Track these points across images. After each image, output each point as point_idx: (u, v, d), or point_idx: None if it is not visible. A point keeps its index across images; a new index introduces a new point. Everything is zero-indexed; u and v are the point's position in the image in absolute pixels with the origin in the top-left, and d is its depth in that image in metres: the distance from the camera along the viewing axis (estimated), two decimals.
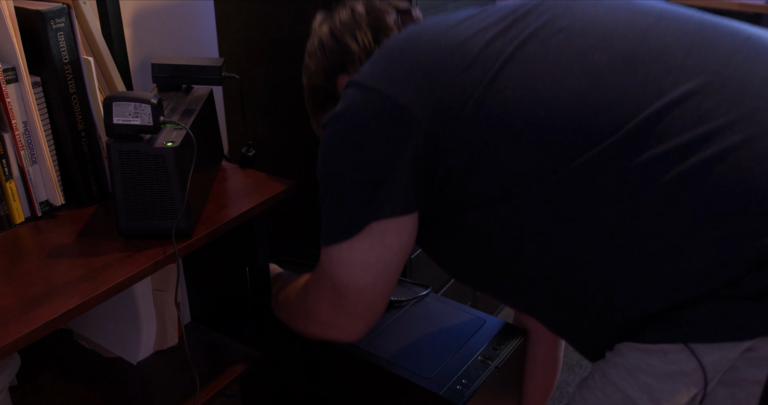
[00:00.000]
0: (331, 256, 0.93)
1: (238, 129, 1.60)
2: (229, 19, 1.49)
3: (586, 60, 0.76)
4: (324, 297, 0.97)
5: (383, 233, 0.88)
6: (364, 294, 0.92)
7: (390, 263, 0.91)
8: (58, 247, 0.96)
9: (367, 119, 0.85)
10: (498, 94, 0.79)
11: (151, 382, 1.18)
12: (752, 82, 0.70)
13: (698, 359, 0.68)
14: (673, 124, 0.69)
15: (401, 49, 0.87)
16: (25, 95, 0.98)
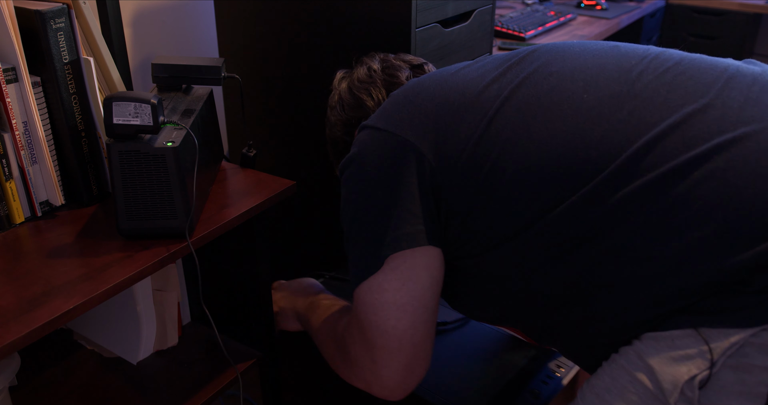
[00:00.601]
0: (363, 301, 0.91)
1: (238, 129, 1.60)
2: (229, 19, 1.49)
3: (575, 101, 0.81)
4: (365, 350, 0.93)
5: (409, 268, 0.88)
6: (404, 339, 0.88)
7: (424, 299, 0.89)
8: (58, 247, 0.96)
9: (379, 156, 0.89)
10: (495, 137, 0.84)
11: (151, 382, 1.18)
12: (731, 107, 0.75)
13: (706, 342, 0.71)
14: (660, 155, 0.74)
15: (405, 95, 0.94)
16: (25, 95, 0.98)
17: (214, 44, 1.66)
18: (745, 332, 0.69)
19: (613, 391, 0.79)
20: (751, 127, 0.73)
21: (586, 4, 2.68)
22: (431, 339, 0.92)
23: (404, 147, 0.88)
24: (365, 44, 1.31)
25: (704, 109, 0.76)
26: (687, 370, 0.72)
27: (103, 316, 1.21)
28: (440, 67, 1.03)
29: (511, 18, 2.37)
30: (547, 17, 2.42)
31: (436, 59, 1.35)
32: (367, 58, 1.13)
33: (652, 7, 2.87)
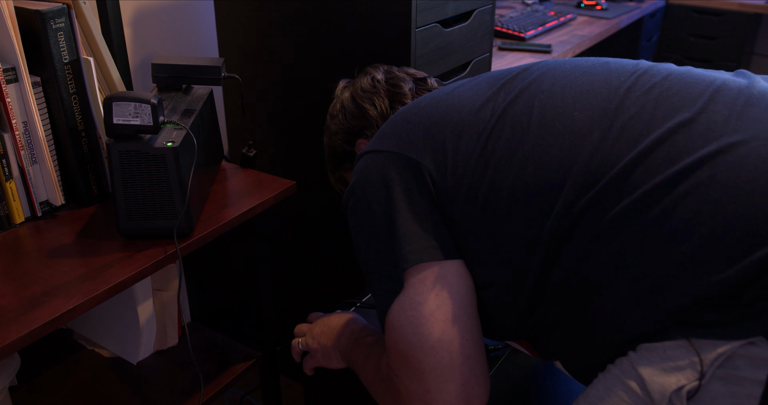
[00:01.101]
0: (398, 325, 0.86)
1: (238, 129, 1.60)
2: (229, 19, 1.49)
3: (566, 119, 0.82)
4: (414, 381, 0.86)
5: (438, 277, 0.85)
6: (454, 351, 0.83)
7: (465, 306, 0.85)
8: (58, 247, 0.96)
9: (382, 176, 0.88)
10: (491, 155, 0.84)
11: (151, 382, 1.18)
12: (716, 121, 0.76)
13: (697, 352, 0.72)
14: (647, 170, 0.75)
15: (402, 116, 0.93)
16: (25, 95, 0.98)
17: (214, 44, 1.67)
18: (732, 344, 0.70)
19: (606, 399, 0.79)
20: (735, 139, 0.74)
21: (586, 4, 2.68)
22: (484, 353, 0.88)
23: (406, 163, 0.87)
24: (365, 44, 1.31)
25: (689, 123, 0.77)
26: (676, 381, 0.73)
27: (103, 316, 1.21)
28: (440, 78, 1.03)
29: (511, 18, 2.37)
30: (547, 17, 2.42)
31: (436, 59, 1.35)
32: (371, 68, 1.13)
33: (652, 7, 2.87)
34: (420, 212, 0.86)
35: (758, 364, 0.69)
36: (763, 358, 0.69)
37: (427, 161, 0.87)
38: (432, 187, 0.87)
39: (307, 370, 1.13)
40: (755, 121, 0.75)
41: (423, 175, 0.86)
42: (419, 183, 0.86)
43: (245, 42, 1.48)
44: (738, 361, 0.70)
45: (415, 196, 0.86)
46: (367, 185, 0.89)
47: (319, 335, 1.12)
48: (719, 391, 0.71)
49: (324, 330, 1.12)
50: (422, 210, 0.86)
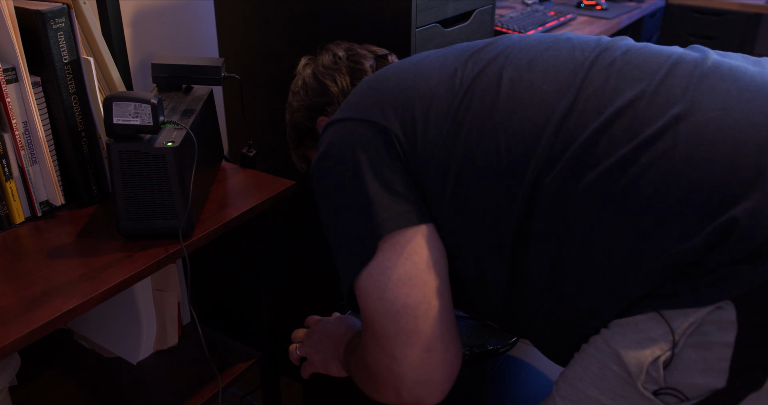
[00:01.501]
0: (365, 292, 0.86)
1: (238, 129, 1.60)
2: (229, 19, 1.49)
3: (534, 91, 0.84)
4: (380, 349, 0.86)
5: (409, 243, 0.84)
6: (419, 315, 0.83)
7: (434, 271, 0.85)
8: (58, 247, 0.97)
9: (350, 144, 0.88)
10: (461, 125, 0.85)
11: (151, 382, 1.18)
12: (674, 94, 0.78)
13: (668, 322, 0.74)
14: (611, 141, 0.77)
15: (368, 84, 0.93)
16: (25, 95, 0.98)
17: (214, 44, 1.67)
18: (701, 311, 0.72)
19: (585, 379, 0.81)
20: (693, 109, 0.76)
21: (586, 4, 2.68)
22: (453, 319, 0.87)
23: (375, 130, 0.87)
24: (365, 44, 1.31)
25: (649, 94, 0.78)
26: (651, 352, 0.74)
27: (103, 316, 1.21)
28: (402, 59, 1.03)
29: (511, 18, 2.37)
30: (547, 17, 2.42)
31: None
32: (333, 45, 1.12)
33: (652, 7, 2.87)
34: (391, 178, 0.85)
35: (726, 328, 0.71)
36: (730, 321, 0.70)
37: (395, 128, 0.86)
38: (401, 153, 0.86)
39: (305, 376, 1.13)
40: (711, 92, 0.76)
41: (392, 141, 0.86)
42: (389, 149, 0.86)
43: (245, 42, 1.48)
44: (707, 327, 0.72)
45: (386, 162, 0.86)
46: (336, 155, 0.88)
47: (317, 343, 1.11)
48: (692, 358, 0.73)
49: (321, 338, 1.11)
50: (393, 175, 0.85)
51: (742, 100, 0.75)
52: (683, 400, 0.74)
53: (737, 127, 0.73)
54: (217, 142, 1.20)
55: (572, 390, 0.82)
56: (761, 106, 0.74)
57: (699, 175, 0.72)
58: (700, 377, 0.73)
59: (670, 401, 0.75)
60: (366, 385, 0.95)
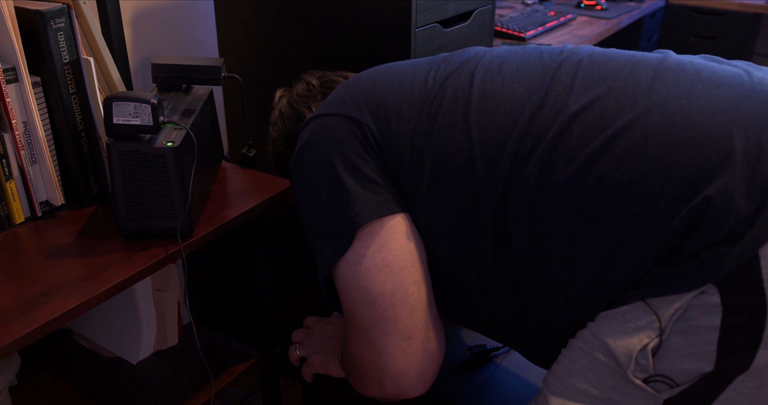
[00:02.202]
0: (343, 282, 0.87)
1: (238, 129, 1.60)
2: (229, 19, 1.49)
3: (506, 90, 0.86)
4: (362, 341, 0.87)
5: (386, 231, 0.86)
6: (396, 303, 0.83)
7: (411, 258, 0.85)
8: (58, 247, 0.97)
9: (328, 137, 0.90)
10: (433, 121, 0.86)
11: (151, 382, 1.18)
12: (640, 87, 0.80)
13: (654, 311, 0.75)
14: (582, 134, 0.79)
15: (345, 84, 0.96)
16: (25, 95, 0.98)
17: (214, 44, 1.67)
18: (686, 296, 0.73)
19: (573, 372, 0.81)
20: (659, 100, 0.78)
21: (586, 4, 2.68)
22: (433, 309, 0.87)
23: (350, 122, 0.89)
24: (365, 44, 1.31)
25: (617, 89, 0.81)
26: (639, 340, 0.75)
27: (103, 316, 1.21)
28: None
29: (511, 18, 2.37)
30: (547, 17, 2.42)
31: None
32: (306, 75, 1.15)
33: (652, 7, 2.87)
34: (367, 169, 0.87)
35: (711, 311, 0.72)
36: (714, 304, 0.72)
37: (369, 122, 0.89)
38: (375, 146, 0.88)
39: (306, 377, 1.13)
40: (675, 83, 0.79)
41: (366, 134, 0.88)
42: (363, 141, 0.88)
43: (245, 42, 1.48)
44: (692, 312, 0.73)
45: (361, 154, 0.88)
46: (313, 149, 0.90)
47: (317, 344, 1.12)
48: (679, 344, 0.74)
49: (321, 339, 1.12)
50: (369, 166, 0.87)
51: (706, 88, 0.78)
52: (673, 386, 0.75)
53: (704, 113, 0.75)
54: (217, 142, 1.20)
55: (561, 384, 0.83)
56: (724, 93, 0.77)
57: (671, 159, 0.74)
58: (688, 362, 0.74)
59: (659, 388, 0.76)
60: (353, 380, 0.96)
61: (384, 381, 0.88)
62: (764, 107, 0.75)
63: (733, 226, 0.71)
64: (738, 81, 0.79)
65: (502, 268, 0.84)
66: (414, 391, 0.88)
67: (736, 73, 0.80)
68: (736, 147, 0.72)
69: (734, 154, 0.72)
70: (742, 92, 0.77)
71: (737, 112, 0.75)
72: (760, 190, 0.71)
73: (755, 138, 0.73)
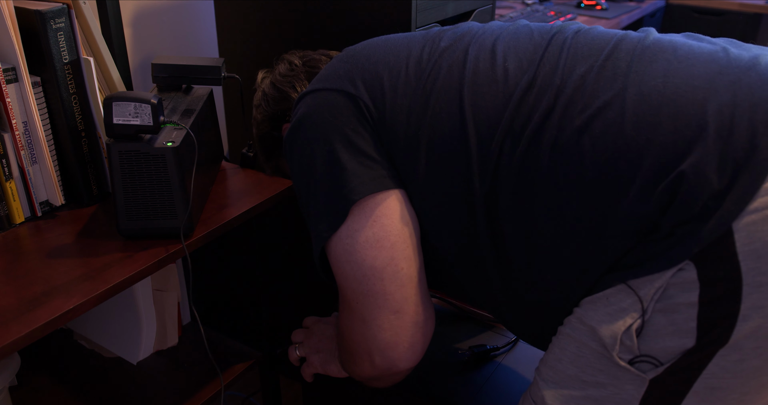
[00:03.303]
0: (335, 257, 0.88)
1: (238, 129, 1.60)
2: (229, 19, 1.49)
3: (498, 68, 0.87)
4: (353, 316, 0.88)
5: (379, 207, 0.86)
6: (385, 278, 0.84)
7: (403, 234, 0.86)
8: (58, 247, 0.97)
9: (323, 112, 0.90)
10: (428, 96, 0.87)
11: (151, 382, 1.18)
12: (619, 67, 0.82)
13: (635, 292, 0.76)
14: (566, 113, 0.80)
15: (339, 58, 0.96)
16: (25, 95, 0.98)
17: (214, 44, 1.66)
18: (665, 275, 0.74)
19: (563, 359, 0.83)
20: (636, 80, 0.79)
21: (586, 4, 2.68)
22: (423, 284, 0.88)
23: (344, 97, 0.89)
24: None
25: (598, 69, 0.82)
26: (623, 323, 0.77)
27: (103, 316, 1.21)
28: None
29: (511, 18, 2.37)
30: (547, 17, 2.42)
31: None
32: (287, 54, 1.14)
33: (652, 7, 2.87)
34: (362, 144, 0.88)
35: (689, 288, 0.73)
36: (692, 281, 0.73)
37: (364, 97, 0.89)
38: (371, 121, 0.88)
39: (306, 377, 1.13)
40: (653, 62, 0.81)
41: (361, 109, 0.88)
42: (359, 116, 0.88)
43: (245, 42, 1.48)
44: (671, 290, 0.74)
45: (357, 129, 0.88)
46: (308, 124, 0.90)
47: (316, 344, 1.12)
48: (661, 323, 0.75)
49: (321, 339, 1.12)
50: (364, 141, 0.88)
51: (682, 67, 0.79)
52: (657, 365, 0.76)
53: (678, 92, 0.77)
54: (217, 142, 1.20)
55: (552, 372, 0.84)
56: (699, 70, 0.78)
57: (647, 137, 0.76)
58: (670, 340, 0.75)
59: (645, 368, 0.77)
60: (345, 360, 0.96)
61: (373, 353, 0.88)
62: (737, 83, 0.76)
63: (706, 201, 0.72)
64: (714, 58, 0.80)
65: (496, 246, 0.85)
66: (404, 364, 0.89)
67: (713, 50, 0.82)
68: (709, 123, 0.73)
69: (707, 130, 0.73)
70: (717, 69, 0.78)
71: (711, 88, 0.76)
72: (732, 165, 0.71)
73: (728, 113, 0.74)
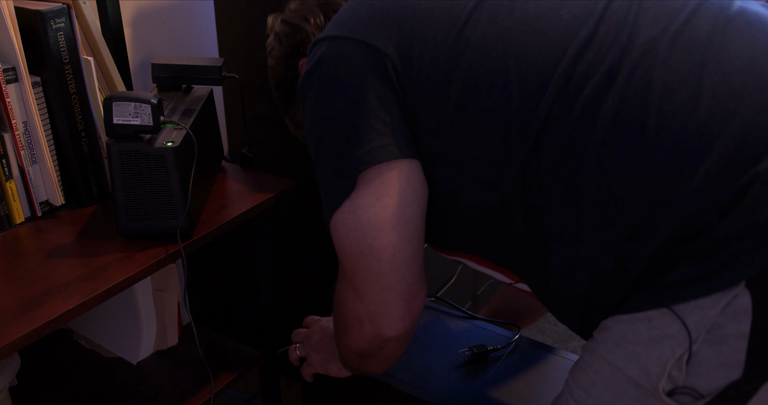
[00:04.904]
0: (338, 230, 0.83)
1: (238, 129, 1.60)
2: (229, 19, 1.49)
3: (551, 16, 0.77)
4: (349, 289, 0.86)
5: (385, 182, 0.80)
6: (383, 258, 0.81)
7: (405, 217, 0.81)
8: (58, 247, 0.96)
9: (339, 66, 0.82)
10: (466, 46, 0.78)
11: (151, 382, 1.18)
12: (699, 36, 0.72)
13: (682, 320, 0.69)
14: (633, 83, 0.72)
15: (361, 1, 0.86)
16: (25, 95, 0.98)
17: (214, 44, 1.66)
18: (718, 303, 0.67)
19: (597, 383, 0.78)
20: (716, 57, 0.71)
21: None
22: (419, 263, 0.85)
23: (367, 52, 0.80)
24: None
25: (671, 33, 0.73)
26: (672, 352, 0.70)
27: (103, 316, 1.21)
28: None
29: None
30: None
31: None
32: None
33: None
34: (378, 105, 0.80)
35: (740, 317, 0.67)
36: (745, 309, 0.66)
37: (390, 50, 0.80)
38: (395, 79, 0.80)
39: (306, 377, 1.12)
40: (738, 38, 0.72)
41: (385, 65, 0.80)
42: (380, 74, 0.80)
43: (245, 42, 1.48)
44: (721, 319, 0.67)
45: (375, 88, 0.80)
46: (324, 75, 0.83)
47: (317, 344, 1.10)
48: (707, 354, 0.69)
49: (321, 338, 1.10)
50: (381, 103, 0.80)
51: None
52: (698, 398, 0.71)
53: (766, 80, 0.68)
54: (217, 142, 1.20)
55: (586, 394, 0.80)
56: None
57: (722, 127, 0.67)
58: (715, 372, 0.69)
59: (684, 400, 0.72)
60: (338, 332, 0.93)
61: (363, 321, 0.86)
62: None
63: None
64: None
65: (527, 215, 0.79)
66: (391, 331, 0.85)
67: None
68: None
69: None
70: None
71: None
72: None
73: None
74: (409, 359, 1.15)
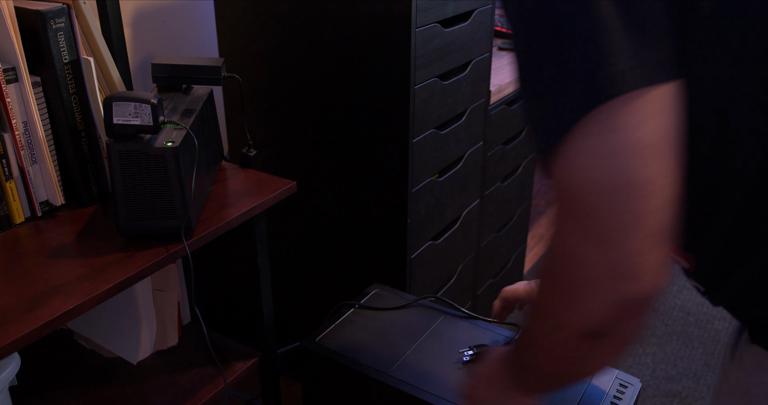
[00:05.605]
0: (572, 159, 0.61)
1: (238, 129, 1.60)
2: (229, 19, 1.49)
3: None
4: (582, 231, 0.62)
5: (645, 104, 0.59)
6: (649, 193, 0.59)
7: (671, 140, 0.60)
8: (58, 247, 0.97)
9: None
10: None
11: (151, 382, 1.18)
12: None
13: None
14: None
15: None
16: (25, 95, 0.98)
17: (214, 44, 1.66)
18: None
19: None
20: None
21: None
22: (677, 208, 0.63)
23: None
24: (365, 44, 1.31)
25: None
26: None
27: (103, 316, 1.21)
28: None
29: None
30: None
31: (436, 59, 1.35)
32: None
33: None
34: (648, 4, 0.59)
35: None
36: None
37: None
38: None
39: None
40: None
41: None
42: None
43: (245, 42, 1.48)
44: None
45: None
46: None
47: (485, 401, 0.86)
48: None
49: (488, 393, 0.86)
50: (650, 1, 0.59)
51: None
52: None
53: None
54: (217, 142, 1.20)
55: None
56: None
57: None
58: None
59: None
60: (554, 306, 0.68)
61: (607, 282, 0.62)
62: None
63: None
64: None
65: None
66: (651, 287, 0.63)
67: None
68: None
69: None
70: None
71: None
72: None
73: None
74: (409, 359, 1.15)
